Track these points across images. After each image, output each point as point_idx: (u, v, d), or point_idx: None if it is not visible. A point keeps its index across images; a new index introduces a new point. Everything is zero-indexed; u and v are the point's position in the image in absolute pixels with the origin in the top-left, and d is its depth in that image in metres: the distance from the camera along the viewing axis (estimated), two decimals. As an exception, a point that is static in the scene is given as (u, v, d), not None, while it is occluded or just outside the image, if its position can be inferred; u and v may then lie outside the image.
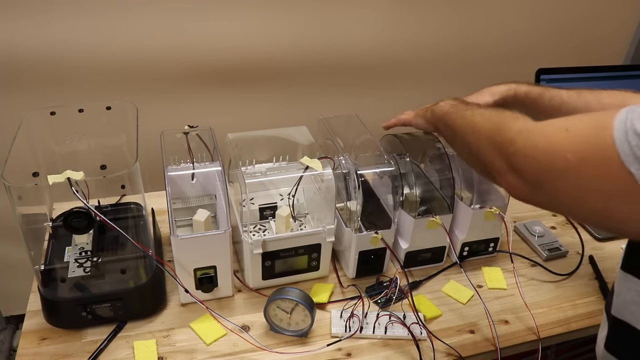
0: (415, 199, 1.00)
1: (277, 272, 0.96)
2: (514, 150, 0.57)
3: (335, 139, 1.03)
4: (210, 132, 1.00)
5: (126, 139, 0.96)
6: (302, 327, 0.89)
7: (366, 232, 0.95)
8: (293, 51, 1.40)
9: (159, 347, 0.87)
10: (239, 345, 0.88)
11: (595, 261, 1.10)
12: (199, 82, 1.36)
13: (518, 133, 0.58)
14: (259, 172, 1.02)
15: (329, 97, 1.49)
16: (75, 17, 1.20)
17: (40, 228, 0.95)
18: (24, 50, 1.20)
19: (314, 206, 1.03)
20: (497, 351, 0.89)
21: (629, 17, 1.69)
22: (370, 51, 1.47)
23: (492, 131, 0.63)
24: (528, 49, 1.60)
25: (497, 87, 0.94)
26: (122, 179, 0.82)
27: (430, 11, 1.45)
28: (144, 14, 1.23)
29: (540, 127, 0.57)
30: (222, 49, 1.34)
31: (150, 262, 0.90)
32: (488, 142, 0.63)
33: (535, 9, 1.56)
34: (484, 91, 0.95)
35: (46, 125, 0.98)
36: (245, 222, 0.92)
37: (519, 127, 0.59)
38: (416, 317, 0.90)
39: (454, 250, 1.05)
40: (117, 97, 1.29)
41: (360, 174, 0.96)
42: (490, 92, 0.94)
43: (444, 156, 1.02)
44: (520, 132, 0.58)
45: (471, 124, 0.70)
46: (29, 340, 0.87)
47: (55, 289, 0.87)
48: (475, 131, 0.68)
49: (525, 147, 0.56)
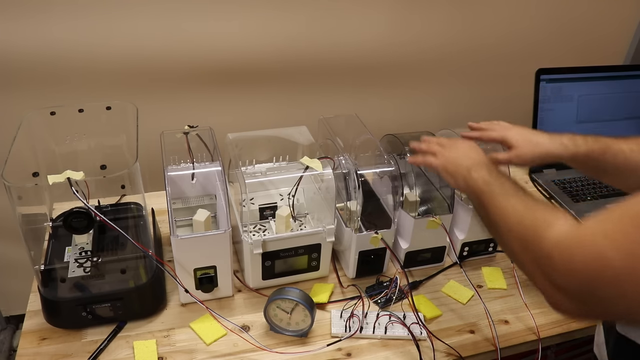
0: (415, 199, 1.00)
1: (277, 272, 0.96)
2: (553, 267, 0.54)
3: (335, 139, 1.03)
4: (210, 132, 1.00)
5: (126, 139, 0.96)
6: (302, 327, 0.89)
7: (366, 232, 0.95)
8: (293, 51, 1.39)
9: (159, 347, 0.87)
10: (239, 345, 0.88)
11: (595, 261, 1.10)
12: (199, 82, 1.36)
13: (554, 246, 0.54)
14: (259, 172, 1.02)
15: (329, 97, 1.49)
16: (75, 17, 1.19)
17: (40, 228, 0.95)
18: (24, 50, 1.20)
19: (314, 206, 1.03)
20: (497, 351, 0.89)
21: (629, 18, 1.69)
22: (372, 51, 1.47)
23: (526, 238, 0.60)
24: (530, 49, 1.60)
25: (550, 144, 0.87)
26: (122, 179, 0.82)
27: (431, 11, 1.45)
28: (143, 14, 1.23)
29: (576, 236, 0.53)
30: (222, 48, 1.34)
31: (150, 262, 0.90)
32: (522, 249, 0.61)
33: (537, 10, 1.56)
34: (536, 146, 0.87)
35: (46, 125, 0.98)
36: (245, 222, 0.92)
37: (554, 238, 0.55)
38: (416, 317, 0.90)
39: (454, 250, 1.05)
40: (117, 97, 1.29)
41: (360, 174, 0.96)
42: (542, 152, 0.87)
43: (444, 156, 1.02)
44: (557, 245, 0.54)
45: (504, 219, 0.66)
46: (29, 340, 0.87)
47: (55, 289, 0.87)
48: (510, 230, 0.64)
49: (565, 263, 0.52)
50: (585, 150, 0.84)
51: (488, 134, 0.92)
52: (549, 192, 1.33)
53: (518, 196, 0.68)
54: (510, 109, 1.66)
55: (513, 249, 0.63)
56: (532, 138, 0.88)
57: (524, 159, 0.87)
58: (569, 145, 0.85)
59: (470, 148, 0.83)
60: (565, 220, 0.57)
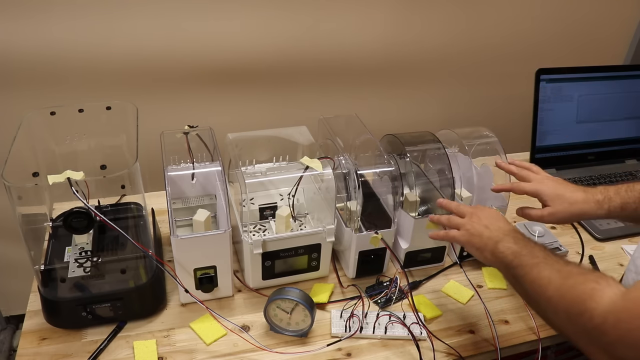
0: (415, 199, 1.00)
1: (277, 272, 0.96)
2: (608, 341, 0.54)
3: (335, 139, 1.03)
4: (210, 132, 1.00)
5: (126, 139, 0.96)
6: (302, 327, 0.89)
7: (366, 232, 0.95)
8: (293, 51, 1.39)
9: (159, 347, 0.87)
10: (239, 345, 0.88)
11: (595, 261, 1.10)
12: (199, 82, 1.36)
13: (605, 319, 0.54)
14: (259, 172, 1.01)
15: (329, 97, 1.49)
16: (75, 17, 1.20)
17: (40, 228, 0.95)
18: (24, 50, 1.20)
19: (314, 206, 1.03)
20: (497, 351, 0.89)
21: (629, 18, 1.70)
22: (372, 51, 1.47)
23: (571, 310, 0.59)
24: (530, 49, 1.61)
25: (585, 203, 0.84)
26: (122, 179, 0.82)
27: (432, 12, 1.45)
28: (143, 14, 1.23)
29: (628, 307, 0.54)
30: (222, 48, 1.34)
31: (150, 262, 0.90)
32: (569, 322, 0.60)
33: (537, 11, 1.56)
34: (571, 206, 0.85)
35: (46, 125, 0.98)
36: (245, 222, 0.92)
37: (604, 310, 0.55)
38: (416, 317, 0.90)
39: (454, 250, 1.04)
40: (117, 97, 1.29)
41: (360, 174, 0.96)
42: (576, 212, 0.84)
43: (444, 156, 1.02)
44: (608, 318, 0.54)
45: (542, 291, 0.65)
46: (29, 340, 0.87)
47: (55, 289, 0.87)
48: (549, 302, 0.63)
49: (621, 336, 0.52)
50: (619, 203, 0.83)
51: (521, 187, 0.90)
52: (549, 192, 1.33)
53: (551, 264, 0.67)
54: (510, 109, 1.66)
55: (557, 322, 0.63)
56: (566, 195, 0.85)
57: (558, 218, 0.86)
58: (603, 201, 0.84)
59: (496, 218, 0.81)
60: (610, 289, 0.57)
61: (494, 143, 1.03)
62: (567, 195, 0.86)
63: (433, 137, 1.04)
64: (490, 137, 1.04)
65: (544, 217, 0.87)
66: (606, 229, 1.20)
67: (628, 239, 1.18)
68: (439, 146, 1.03)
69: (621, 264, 1.11)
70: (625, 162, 1.47)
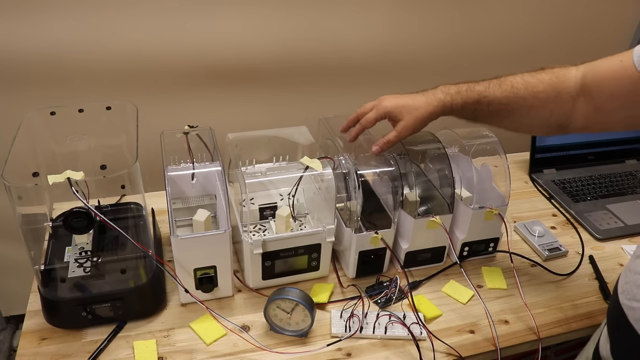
0: (415, 199, 1.00)
1: (277, 272, 0.96)
2: None
3: (335, 139, 1.03)
4: (210, 132, 1.00)
5: (126, 139, 0.96)
6: (302, 327, 0.89)
7: (366, 232, 0.95)
8: (293, 51, 1.40)
9: (159, 347, 0.87)
10: (239, 345, 0.88)
11: (595, 261, 1.10)
12: (199, 82, 1.36)
13: None
14: (259, 172, 1.01)
15: (329, 97, 1.49)
16: (75, 17, 1.20)
17: (40, 228, 0.95)
18: (24, 50, 1.20)
19: (314, 206, 1.03)
20: (497, 351, 0.89)
21: (629, 18, 1.69)
22: (371, 51, 1.47)
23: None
24: (529, 49, 1.60)
25: (428, 105, 0.90)
26: (122, 179, 0.82)
27: (431, 11, 1.45)
28: (144, 14, 1.23)
29: None
30: (222, 48, 1.34)
31: (150, 262, 0.90)
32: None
33: (537, 10, 1.56)
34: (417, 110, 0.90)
35: (46, 125, 0.98)
36: (245, 222, 0.92)
37: None
38: (416, 317, 0.90)
39: (454, 250, 1.05)
40: (117, 97, 1.29)
41: (360, 174, 0.96)
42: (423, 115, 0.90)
43: (444, 156, 1.02)
44: None
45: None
46: (29, 340, 0.87)
47: (55, 289, 0.87)
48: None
49: None
50: (460, 102, 0.88)
51: (367, 118, 0.95)
52: (549, 192, 1.33)
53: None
54: (510, 109, 1.66)
55: None
56: (409, 103, 0.91)
57: (410, 127, 0.91)
58: (445, 100, 0.89)
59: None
60: None
61: (494, 143, 1.03)
62: (410, 103, 0.91)
63: (433, 137, 1.04)
64: (490, 137, 1.04)
65: (399, 133, 0.92)
66: (606, 229, 1.20)
67: (628, 239, 1.18)
68: (439, 146, 1.03)
69: (621, 264, 1.11)
70: (625, 162, 1.47)
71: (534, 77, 0.82)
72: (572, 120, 0.81)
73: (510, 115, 0.85)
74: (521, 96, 0.82)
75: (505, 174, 1.01)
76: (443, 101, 0.89)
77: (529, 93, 0.82)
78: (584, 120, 0.79)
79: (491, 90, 0.85)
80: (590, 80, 0.77)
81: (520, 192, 1.34)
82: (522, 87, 0.82)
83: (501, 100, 0.84)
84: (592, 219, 1.23)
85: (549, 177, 1.39)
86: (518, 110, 0.83)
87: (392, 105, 0.92)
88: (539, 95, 0.81)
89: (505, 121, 0.87)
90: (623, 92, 0.71)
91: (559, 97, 0.80)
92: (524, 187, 1.37)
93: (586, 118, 0.79)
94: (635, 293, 0.64)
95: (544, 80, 0.81)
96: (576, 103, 0.79)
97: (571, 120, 0.81)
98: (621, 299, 0.67)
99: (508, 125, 0.87)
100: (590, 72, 0.77)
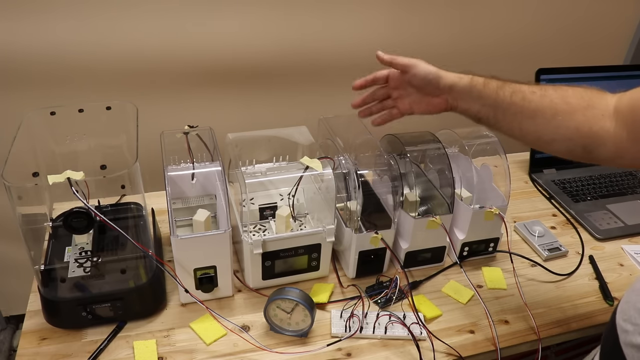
0: (415, 199, 1.00)
1: (277, 272, 0.96)
2: None
3: (335, 139, 1.03)
4: (210, 132, 1.00)
5: (126, 139, 0.96)
6: (302, 327, 0.89)
7: (366, 232, 0.95)
8: (294, 51, 1.40)
9: (159, 347, 0.87)
10: (239, 345, 0.88)
11: (595, 261, 1.10)
12: (198, 82, 1.37)
13: None
14: (259, 172, 1.01)
15: (329, 97, 1.49)
16: (75, 17, 1.20)
17: (40, 228, 0.95)
18: (24, 50, 1.20)
19: (314, 206, 1.03)
20: (497, 351, 0.89)
21: (629, 18, 1.70)
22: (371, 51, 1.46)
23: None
24: (530, 49, 1.60)
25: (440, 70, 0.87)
26: (122, 179, 0.82)
27: (432, 11, 1.45)
28: (144, 14, 1.23)
29: None
30: (222, 48, 1.34)
31: (150, 262, 0.90)
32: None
33: (538, 10, 1.56)
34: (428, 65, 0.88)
35: (46, 125, 0.98)
36: (245, 222, 0.92)
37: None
38: (416, 317, 0.90)
39: (454, 250, 1.05)
40: (117, 97, 1.29)
41: (360, 174, 0.96)
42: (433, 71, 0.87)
43: (444, 156, 1.02)
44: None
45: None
46: (29, 340, 0.87)
47: (55, 289, 0.87)
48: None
49: None
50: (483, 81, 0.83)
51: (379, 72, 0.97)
52: (549, 192, 1.33)
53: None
54: (510, 109, 1.66)
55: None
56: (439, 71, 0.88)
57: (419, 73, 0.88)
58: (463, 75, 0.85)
59: None
60: None
61: (494, 143, 1.03)
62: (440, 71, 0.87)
63: (433, 137, 1.04)
64: (490, 137, 1.04)
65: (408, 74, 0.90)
66: (606, 229, 1.20)
67: (628, 239, 1.18)
68: (439, 146, 1.03)
69: (621, 264, 1.11)
70: (625, 162, 1.47)
71: (568, 85, 0.76)
72: (600, 144, 0.71)
73: (534, 115, 0.76)
74: (548, 95, 0.75)
75: (505, 174, 1.02)
76: (459, 74, 0.85)
77: (558, 95, 0.75)
78: (613, 147, 0.70)
79: (518, 84, 0.79)
80: (626, 104, 0.69)
81: (520, 192, 1.34)
82: (551, 88, 0.76)
83: (526, 93, 0.77)
84: (592, 219, 1.23)
85: (549, 177, 1.39)
86: (542, 111, 0.75)
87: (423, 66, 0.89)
88: (567, 100, 0.74)
89: (527, 123, 0.77)
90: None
91: (588, 110, 0.72)
92: (524, 187, 1.37)
93: (617, 145, 0.70)
94: (631, 315, 0.61)
95: (576, 89, 0.75)
96: (606, 124, 0.70)
97: (599, 144, 0.71)
98: (617, 319, 0.64)
99: (529, 128, 0.77)
100: (626, 97, 0.70)
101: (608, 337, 0.66)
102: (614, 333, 0.64)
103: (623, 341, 0.62)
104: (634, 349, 0.60)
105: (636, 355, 0.59)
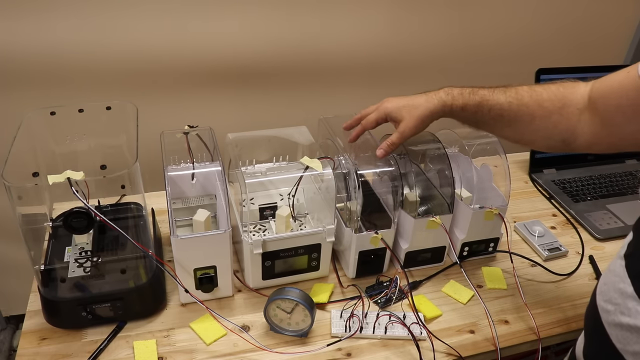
0: (415, 199, 1.00)
1: (277, 272, 0.96)
2: None
3: (335, 139, 1.03)
4: (210, 132, 1.00)
5: (126, 139, 0.96)
6: (302, 327, 0.89)
7: (366, 232, 0.95)
8: (294, 51, 1.40)
9: (159, 347, 0.87)
10: (239, 345, 0.88)
11: (595, 261, 1.10)
12: (199, 82, 1.37)
13: None
14: (259, 172, 1.02)
15: (329, 97, 1.49)
16: (76, 17, 1.20)
17: (40, 228, 0.95)
18: (24, 50, 1.20)
19: (314, 206, 1.03)
20: (497, 351, 0.89)
21: (629, 18, 1.70)
22: (371, 51, 1.47)
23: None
24: (529, 49, 1.60)
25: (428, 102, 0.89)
26: (122, 179, 0.82)
27: (431, 11, 1.45)
28: (144, 14, 1.23)
29: None
30: (222, 48, 1.34)
31: (150, 262, 0.90)
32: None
33: (537, 10, 1.56)
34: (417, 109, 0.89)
35: (46, 125, 0.98)
36: (245, 222, 0.92)
37: None
38: (416, 317, 0.90)
39: (454, 250, 1.05)
40: (117, 97, 1.29)
41: (360, 174, 0.96)
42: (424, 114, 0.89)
43: (444, 156, 1.02)
44: None
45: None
46: (29, 340, 0.87)
47: (55, 289, 0.87)
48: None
49: None
50: (461, 103, 0.86)
51: (368, 119, 0.96)
52: (549, 192, 1.33)
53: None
54: (510, 109, 1.66)
55: None
56: (410, 103, 0.91)
57: (412, 127, 0.90)
58: (447, 99, 0.88)
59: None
60: None
61: (494, 143, 1.03)
62: (410, 103, 0.90)
63: (433, 137, 1.04)
64: (490, 137, 1.04)
65: (401, 134, 0.91)
66: (606, 229, 1.20)
67: (628, 239, 1.18)
68: (439, 146, 1.03)
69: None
70: (625, 162, 1.47)
71: (542, 86, 0.80)
72: (578, 135, 0.77)
73: (513, 123, 0.82)
74: (525, 103, 0.80)
75: (505, 174, 1.02)
76: (444, 100, 0.88)
77: (534, 101, 0.79)
78: (590, 136, 0.75)
79: (495, 96, 0.83)
80: (596, 92, 0.74)
81: (520, 192, 1.34)
82: (527, 94, 0.80)
83: (503, 105, 0.82)
84: (592, 219, 1.23)
85: (549, 177, 1.39)
86: (520, 118, 0.80)
87: (392, 106, 0.92)
88: (543, 104, 0.78)
89: (507, 130, 0.84)
90: (629, 104, 0.68)
91: (564, 109, 0.77)
92: (524, 187, 1.37)
93: (592, 133, 0.75)
94: (612, 296, 0.63)
95: (550, 90, 0.79)
96: (582, 117, 0.76)
97: (576, 136, 0.77)
98: (598, 300, 0.67)
99: (510, 134, 0.84)
100: (597, 85, 0.75)
101: (589, 317, 0.69)
102: (596, 313, 0.66)
103: (605, 320, 0.65)
104: (617, 327, 0.62)
105: (619, 333, 0.62)
